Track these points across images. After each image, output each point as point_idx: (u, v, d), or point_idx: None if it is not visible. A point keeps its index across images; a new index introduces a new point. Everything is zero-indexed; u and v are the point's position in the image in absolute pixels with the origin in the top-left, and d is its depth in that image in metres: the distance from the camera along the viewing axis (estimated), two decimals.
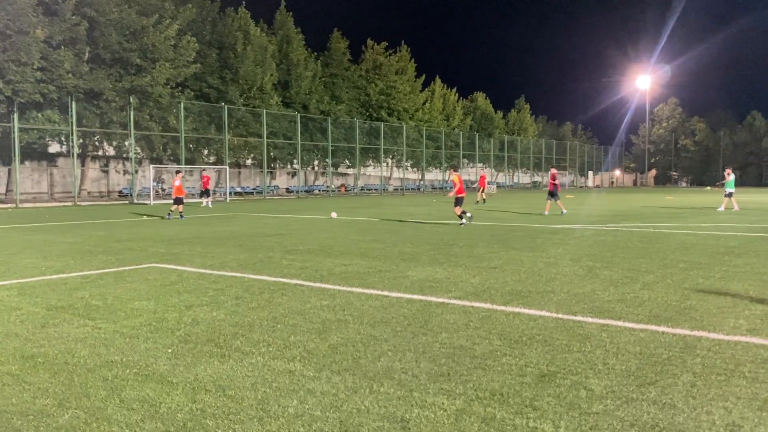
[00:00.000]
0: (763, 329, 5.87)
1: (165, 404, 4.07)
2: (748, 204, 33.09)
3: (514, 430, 3.65)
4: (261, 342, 5.54)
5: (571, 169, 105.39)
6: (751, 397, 4.12)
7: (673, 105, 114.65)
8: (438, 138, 72.45)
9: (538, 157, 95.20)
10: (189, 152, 45.99)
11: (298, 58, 55.16)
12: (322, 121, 56.60)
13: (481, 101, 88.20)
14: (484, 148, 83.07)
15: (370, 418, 3.81)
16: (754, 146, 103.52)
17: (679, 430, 3.62)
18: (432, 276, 9.03)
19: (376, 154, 64.52)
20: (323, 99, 57.90)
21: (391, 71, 66.77)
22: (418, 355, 5.11)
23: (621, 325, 6.04)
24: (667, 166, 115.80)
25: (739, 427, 3.66)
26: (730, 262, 10.36)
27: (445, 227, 17.80)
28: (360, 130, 60.28)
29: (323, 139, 56.75)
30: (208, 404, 4.07)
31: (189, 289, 8.08)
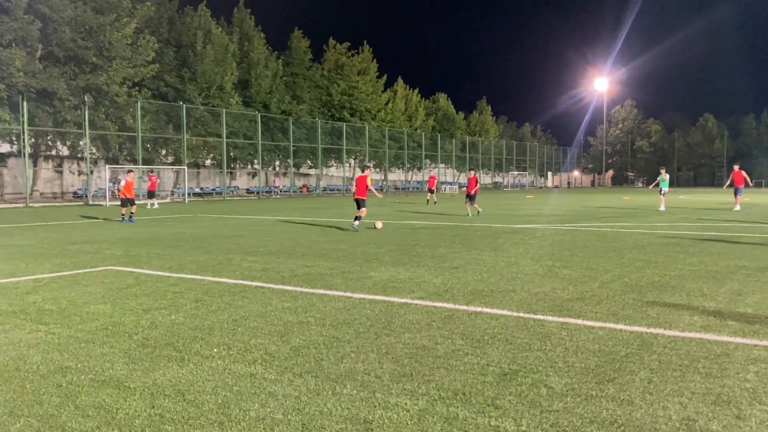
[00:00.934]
0: (716, 326, 6.03)
1: (122, 410, 3.96)
2: (700, 203, 34.07)
3: (476, 429, 3.67)
4: (221, 345, 5.45)
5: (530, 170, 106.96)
6: (705, 392, 4.23)
7: (630, 107, 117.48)
8: (400, 138, 72.69)
9: (499, 157, 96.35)
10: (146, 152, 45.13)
11: (258, 56, 54.65)
12: (284, 121, 56.19)
13: (443, 102, 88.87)
14: (446, 148, 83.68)
15: (332, 420, 3.79)
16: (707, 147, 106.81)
17: (637, 426, 3.69)
18: (395, 276, 9.04)
19: (339, 154, 64.38)
20: (284, 99, 57.51)
21: (354, 71, 66.72)
22: (380, 356, 5.10)
23: (580, 324, 6.14)
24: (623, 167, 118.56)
25: (693, 421, 3.75)
26: (685, 260, 10.63)
27: (407, 228, 17.84)
28: (322, 130, 60.06)
29: (284, 139, 56.35)
30: (167, 409, 3.98)
31: (147, 292, 7.91)
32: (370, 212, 26.31)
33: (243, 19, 55.98)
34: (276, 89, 56.59)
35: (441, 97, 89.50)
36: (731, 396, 4.16)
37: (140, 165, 42.78)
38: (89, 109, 38.72)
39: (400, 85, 78.13)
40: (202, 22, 49.18)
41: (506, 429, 3.66)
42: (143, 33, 41.75)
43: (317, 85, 64.19)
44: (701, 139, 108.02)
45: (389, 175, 73.89)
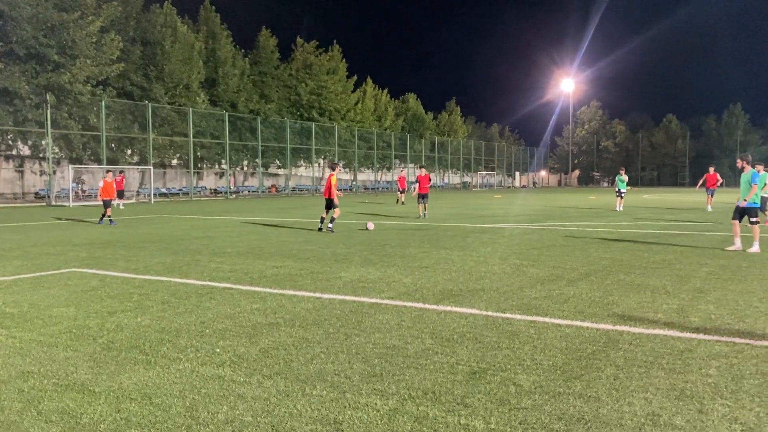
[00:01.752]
0: (679, 323, 6.17)
1: (86, 415, 3.89)
2: (665, 203, 34.77)
3: (446, 427, 3.68)
4: (189, 347, 5.38)
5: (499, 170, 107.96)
6: (669, 388, 4.32)
7: (595, 108, 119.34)
8: (370, 138, 72.65)
9: (467, 158, 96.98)
10: (111, 152, 44.28)
11: (225, 55, 54.07)
12: (252, 120, 55.69)
13: (413, 102, 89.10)
14: (416, 149, 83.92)
15: (302, 422, 3.77)
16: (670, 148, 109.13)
17: (604, 422, 3.75)
18: (364, 277, 9.04)
19: (308, 154, 64.07)
20: (252, 98, 56.98)
21: (322, 71, 66.42)
22: (350, 356, 5.09)
23: (548, 322, 6.21)
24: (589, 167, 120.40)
25: (658, 416, 3.83)
26: (649, 258, 10.85)
27: (376, 228, 17.84)
28: (291, 129, 59.68)
29: (252, 138, 55.84)
30: (133, 413, 3.91)
31: (112, 295, 7.77)
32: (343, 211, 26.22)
33: (209, 17, 55.33)
34: (243, 88, 56.03)
35: (410, 97, 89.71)
36: (694, 391, 4.25)
37: (105, 165, 41.94)
38: (52, 108, 37.83)
39: (370, 85, 78.07)
40: (168, 20, 48.46)
41: (475, 427, 3.68)
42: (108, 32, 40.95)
43: (285, 85, 63.75)
44: (664, 139, 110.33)
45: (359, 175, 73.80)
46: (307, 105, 65.26)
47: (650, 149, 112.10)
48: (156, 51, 46.66)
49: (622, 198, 26.94)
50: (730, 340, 5.52)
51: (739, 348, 5.27)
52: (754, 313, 6.52)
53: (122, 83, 45.10)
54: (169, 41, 46.98)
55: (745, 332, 5.78)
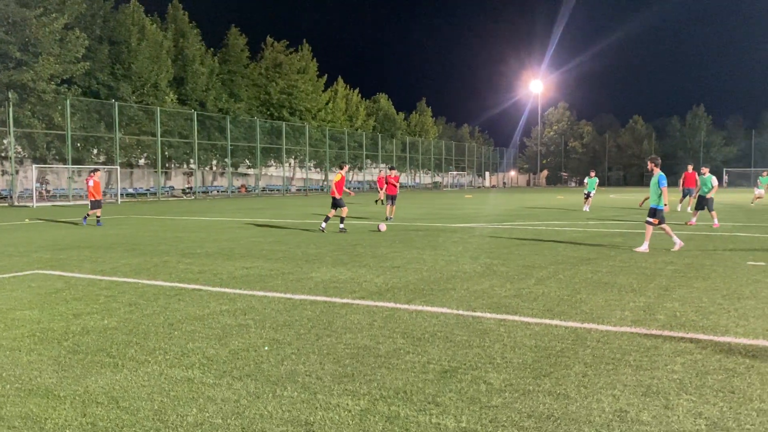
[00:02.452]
0: (645, 320, 6.28)
1: (51, 420, 3.80)
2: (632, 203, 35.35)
3: (417, 427, 3.69)
4: (157, 350, 5.30)
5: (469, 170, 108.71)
6: (636, 384, 4.39)
7: (563, 109, 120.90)
8: (341, 138, 72.49)
9: (438, 158, 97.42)
10: (76, 151, 43.40)
11: (194, 53, 53.39)
12: (221, 119, 55.11)
13: (384, 102, 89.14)
14: (387, 149, 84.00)
15: (273, 423, 3.74)
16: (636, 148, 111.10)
17: (572, 419, 3.80)
18: (336, 277, 9.01)
19: (278, 154, 63.64)
20: (221, 96, 56.35)
21: (293, 70, 66.02)
22: (322, 357, 5.07)
23: (517, 320, 6.27)
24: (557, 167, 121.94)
25: (625, 412, 3.89)
26: (616, 257, 11.03)
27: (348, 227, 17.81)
28: (261, 129, 59.21)
29: (222, 138, 55.23)
30: (99, 417, 3.84)
31: (77, 297, 7.62)
32: (301, 212, 26.14)
33: (177, 15, 54.58)
34: (212, 87, 55.38)
35: (382, 97, 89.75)
36: (660, 387, 4.33)
37: (70, 165, 41.13)
38: (14, 107, 36.93)
39: (341, 84, 77.88)
40: (135, 18, 47.69)
41: (447, 426, 3.70)
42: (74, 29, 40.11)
43: (255, 84, 63.22)
44: (630, 140, 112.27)
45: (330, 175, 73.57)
46: (278, 104, 64.81)
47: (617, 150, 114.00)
48: (122, 49, 45.87)
49: (590, 198, 26.92)
50: (695, 336, 5.64)
51: (704, 344, 5.39)
52: (718, 311, 6.68)
53: (88, 82, 44.24)
54: (135, 39, 46.23)
55: (709, 329, 5.91)
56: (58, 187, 46.27)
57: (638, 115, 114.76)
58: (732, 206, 29.15)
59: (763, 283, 8.29)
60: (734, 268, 9.62)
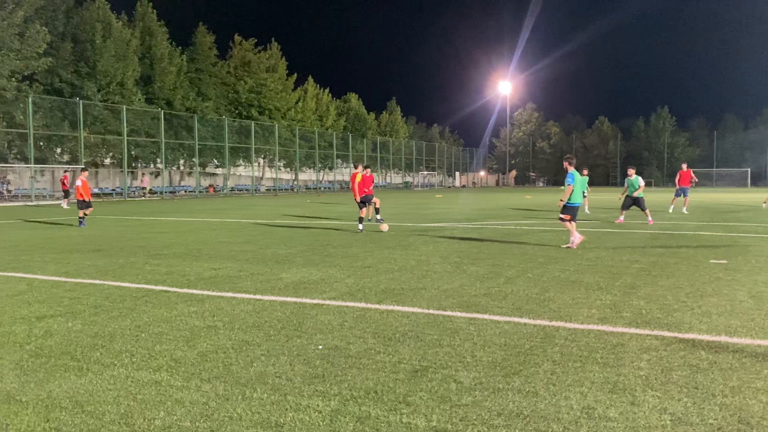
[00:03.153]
0: (612, 318, 6.38)
1: (13, 426, 3.70)
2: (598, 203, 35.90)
3: (388, 427, 3.69)
4: (123, 352, 5.21)
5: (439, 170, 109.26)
6: (603, 381, 4.46)
7: (531, 110, 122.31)
8: (311, 138, 72.17)
9: (409, 158, 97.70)
10: (39, 151, 42.41)
11: (161, 52, 52.59)
12: (188, 118, 54.40)
13: (355, 102, 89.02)
14: (358, 148, 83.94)
15: (242, 426, 3.70)
16: (602, 149, 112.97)
17: (541, 416, 3.84)
18: (306, 277, 8.97)
19: (247, 153, 63.10)
20: (189, 95, 55.59)
21: (261, 68, 65.47)
22: (292, 358, 5.04)
23: (487, 318, 6.32)
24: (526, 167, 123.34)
25: (593, 409, 3.95)
26: (583, 255, 11.19)
27: (319, 228, 17.75)
28: (229, 128, 58.62)
29: (189, 137, 54.54)
30: (63, 422, 3.76)
31: (40, 299, 7.44)
32: (272, 212, 25.97)
33: (145, 13, 53.69)
34: (180, 86, 54.61)
35: (352, 97, 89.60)
36: (627, 384, 4.41)
37: (32, 164, 40.18)
38: None
39: (311, 84, 77.46)
40: (101, 14, 46.76)
41: (417, 425, 3.71)
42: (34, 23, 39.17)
43: (224, 82, 62.54)
44: (597, 140, 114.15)
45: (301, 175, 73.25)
46: (246, 103, 64.23)
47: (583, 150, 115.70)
48: (87, 47, 44.94)
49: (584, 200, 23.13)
50: (660, 333, 5.75)
51: (668, 341, 5.50)
52: (682, 308, 6.82)
53: (51, 79, 43.26)
54: (100, 36, 45.32)
55: (674, 326, 6.03)
56: (19, 187, 45.16)
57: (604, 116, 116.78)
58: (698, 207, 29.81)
59: (725, 281, 8.50)
60: (697, 266, 9.84)
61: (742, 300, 7.22)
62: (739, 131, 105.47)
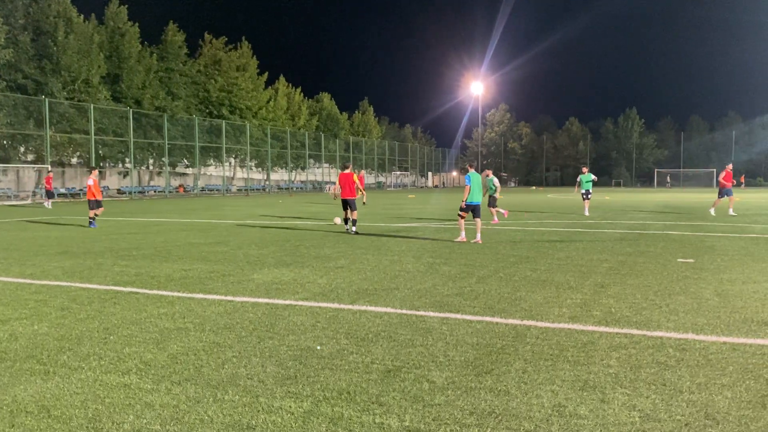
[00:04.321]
0: (582, 316, 6.46)
1: None
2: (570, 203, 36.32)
3: (361, 427, 3.68)
4: (91, 355, 5.11)
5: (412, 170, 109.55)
6: (574, 379, 4.51)
7: (503, 111, 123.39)
8: (283, 138, 71.75)
9: (382, 158, 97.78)
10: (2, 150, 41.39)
11: (130, 50, 51.72)
12: (158, 117, 53.66)
13: (327, 102, 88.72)
14: (330, 148, 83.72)
15: (214, 428, 3.66)
16: (572, 149, 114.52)
17: (513, 415, 3.87)
18: (278, 278, 8.91)
19: (218, 153, 62.48)
20: (158, 94, 54.77)
21: (232, 67, 64.87)
22: (264, 359, 5.00)
23: (459, 318, 6.35)
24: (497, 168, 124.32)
25: (564, 407, 3.99)
26: (554, 255, 11.31)
27: (291, 228, 17.64)
28: (200, 127, 57.98)
29: (158, 136, 53.80)
30: (29, 428, 3.67)
31: (5, 302, 7.26)
32: (243, 212, 25.76)
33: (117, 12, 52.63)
34: (149, 84, 53.79)
35: (325, 96, 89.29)
36: (597, 381, 4.46)
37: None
38: None
39: (282, 83, 76.99)
40: (61, 9, 45.60)
41: (390, 426, 3.70)
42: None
43: (194, 81, 61.79)
44: (567, 141, 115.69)
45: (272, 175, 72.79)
46: (217, 102, 63.59)
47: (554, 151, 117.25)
48: (48, 42, 43.89)
49: (589, 199, 23.21)
50: (629, 332, 5.84)
51: (637, 339, 5.58)
52: (650, 306, 6.93)
53: (14, 76, 42.25)
54: (62, 32, 44.26)
55: (642, 324, 6.13)
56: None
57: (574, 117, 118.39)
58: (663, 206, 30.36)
59: (692, 279, 8.67)
60: (665, 265, 10.02)
61: (709, 298, 7.38)
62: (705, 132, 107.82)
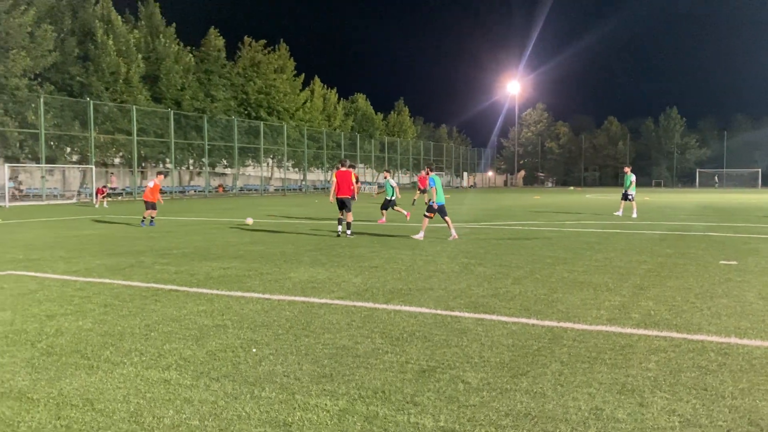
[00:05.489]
0: (620, 319, 6.36)
1: (25, 423, 3.74)
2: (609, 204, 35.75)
3: (396, 426, 3.70)
4: (133, 351, 5.24)
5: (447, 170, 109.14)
6: (612, 382, 4.45)
7: (540, 110, 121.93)
8: (319, 138, 72.25)
9: (417, 158, 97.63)
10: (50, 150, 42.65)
11: (167, 51, 52.77)
12: (198, 118, 54.59)
13: (362, 102, 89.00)
14: (365, 149, 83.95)
15: (251, 425, 3.72)
16: (611, 149, 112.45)
17: (549, 417, 3.83)
18: (314, 277, 8.99)
19: (256, 153, 63.26)
20: (198, 96, 55.77)
21: (270, 69, 65.61)
22: (300, 357, 5.06)
23: (495, 319, 6.31)
24: (534, 168, 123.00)
25: (601, 410, 3.94)
26: (591, 256, 11.15)
27: (326, 227, 17.76)
28: (238, 129, 58.78)
29: (198, 137, 54.74)
30: (74, 420, 3.79)
31: (51, 298, 7.50)
32: (279, 212, 26.02)
33: (152, 13, 53.89)
34: (189, 86, 54.81)
35: (360, 97, 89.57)
36: (635, 385, 4.39)
37: (43, 164, 40.43)
38: None
39: (318, 84, 77.52)
40: (104, 12, 46.97)
41: (425, 425, 3.71)
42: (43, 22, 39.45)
43: (233, 83, 62.74)
44: (606, 141, 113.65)
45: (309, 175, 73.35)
46: (255, 104, 64.38)
47: (592, 150, 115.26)
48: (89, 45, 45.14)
49: (630, 201, 21.87)
50: (669, 335, 5.73)
51: (677, 343, 5.47)
52: (691, 309, 6.79)
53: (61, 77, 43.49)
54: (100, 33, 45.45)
55: (683, 327, 6.00)
56: (31, 187, 45.44)
57: (613, 116, 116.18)
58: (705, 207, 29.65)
59: (735, 282, 8.45)
60: (707, 267, 9.79)
61: (753, 301, 7.19)
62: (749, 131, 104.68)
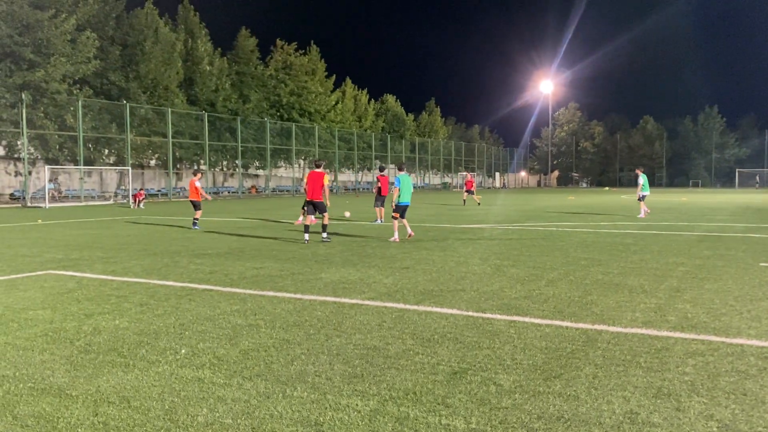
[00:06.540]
0: (656, 321, 6.24)
1: (63, 419, 3.83)
2: None
3: (427, 428, 3.69)
4: (168, 350, 5.33)
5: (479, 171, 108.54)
6: (647, 386, 4.37)
7: (573, 109, 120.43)
8: (350, 139, 72.56)
9: (448, 158, 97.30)
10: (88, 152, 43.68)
11: (202, 54, 53.62)
12: (231, 120, 55.31)
13: (392, 103, 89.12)
14: (396, 149, 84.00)
15: (283, 424, 3.75)
16: (647, 149, 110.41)
17: (583, 420, 3.78)
18: (345, 277, 9.02)
19: (288, 155, 63.82)
20: (231, 98, 56.55)
21: (302, 71, 66.20)
22: (331, 357, 5.08)
23: (528, 321, 6.25)
24: (568, 168, 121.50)
25: (636, 414, 3.87)
26: (627, 258, 10.97)
27: (357, 228, 17.81)
28: (271, 130, 59.39)
29: (232, 139, 55.46)
30: (111, 416, 3.87)
31: (89, 297, 7.67)
32: None
33: (187, 15, 54.90)
34: (222, 88, 55.62)
35: (390, 98, 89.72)
36: (671, 389, 4.31)
37: (81, 165, 41.41)
38: (27, 108, 37.26)
39: (349, 85, 77.93)
40: (149, 20, 48.04)
41: (456, 427, 3.69)
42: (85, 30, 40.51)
43: (265, 85, 63.46)
44: (641, 140, 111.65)
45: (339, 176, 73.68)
46: (287, 106, 64.99)
47: (628, 150, 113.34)
48: (136, 52, 46.19)
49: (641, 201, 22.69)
50: (706, 338, 5.60)
51: (715, 346, 5.35)
52: (730, 312, 6.63)
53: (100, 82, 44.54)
54: (150, 42, 46.54)
55: (721, 330, 5.86)
56: (69, 188, 46.59)
57: (649, 115, 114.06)
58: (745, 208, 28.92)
59: None
60: (746, 270, 9.54)
61: None
62: None
